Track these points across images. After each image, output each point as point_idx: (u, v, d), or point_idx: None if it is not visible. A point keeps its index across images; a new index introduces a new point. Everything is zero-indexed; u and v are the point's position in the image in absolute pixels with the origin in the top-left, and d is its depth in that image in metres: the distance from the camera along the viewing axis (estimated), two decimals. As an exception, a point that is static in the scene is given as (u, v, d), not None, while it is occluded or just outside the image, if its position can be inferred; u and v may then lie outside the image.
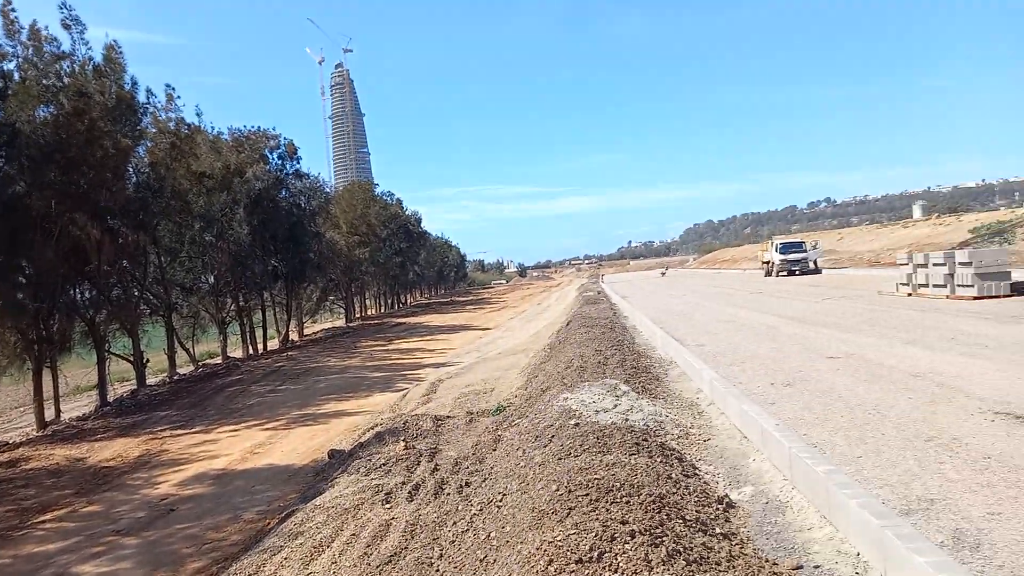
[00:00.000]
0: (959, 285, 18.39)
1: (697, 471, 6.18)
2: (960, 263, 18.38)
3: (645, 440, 6.42)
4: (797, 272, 46.62)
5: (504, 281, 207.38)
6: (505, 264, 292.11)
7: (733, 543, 4.53)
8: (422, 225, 77.03)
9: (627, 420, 7.37)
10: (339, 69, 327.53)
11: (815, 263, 48.26)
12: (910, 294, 20.80)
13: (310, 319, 53.04)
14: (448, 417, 12.13)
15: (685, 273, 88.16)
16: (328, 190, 54.33)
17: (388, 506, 7.99)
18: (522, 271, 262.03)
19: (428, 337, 35.64)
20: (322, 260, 43.74)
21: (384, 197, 64.90)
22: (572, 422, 7.32)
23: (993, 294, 17.65)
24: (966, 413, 7.08)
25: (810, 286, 32.29)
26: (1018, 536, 4.25)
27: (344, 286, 54.02)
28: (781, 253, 47.35)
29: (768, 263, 49.62)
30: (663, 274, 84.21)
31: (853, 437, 6.66)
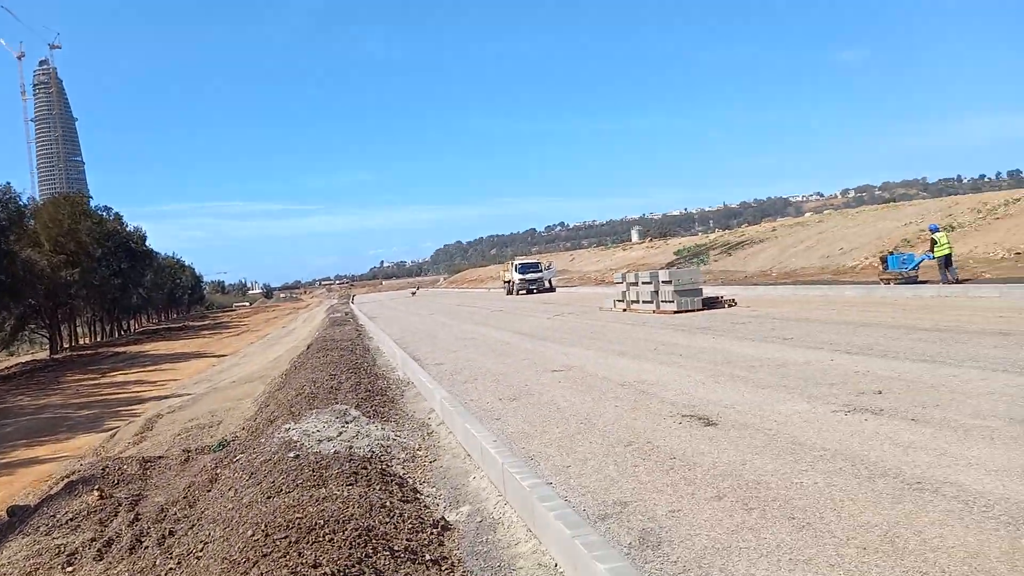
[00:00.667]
0: (663, 301, 20.83)
1: (418, 495, 6.08)
2: (663, 282, 20.86)
3: (366, 468, 6.19)
4: (535, 290, 49.84)
5: (248, 304, 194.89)
6: (249, 285, 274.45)
7: (443, 569, 4.46)
8: (148, 243, 69.29)
9: (351, 448, 7.08)
10: (44, 66, 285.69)
11: (550, 282, 52.02)
12: (625, 310, 23.13)
13: (2, 351, 45.09)
14: (160, 458, 10.84)
15: (436, 293, 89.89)
16: (24, 202, 46.86)
17: (70, 570, 6.83)
18: (268, 293, 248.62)
19: (152, 368, 32.04)
20: (17, 283, 37.46)
21: (100, 211, 57.59)
22: (291, 455, 6.85)
23: (689, 308, 20.25)
24: (660, 417, 7.87)
25: (544, 303, 34.57)
26: (692, 531, 4.71)
27: (48, 312, 46.74)
28: (520, 273, 50.30)
29: (509, 282, 52.42)
30: (413, 294, 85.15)
31: (565, 447, 7.05)
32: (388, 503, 5.32)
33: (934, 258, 21.21)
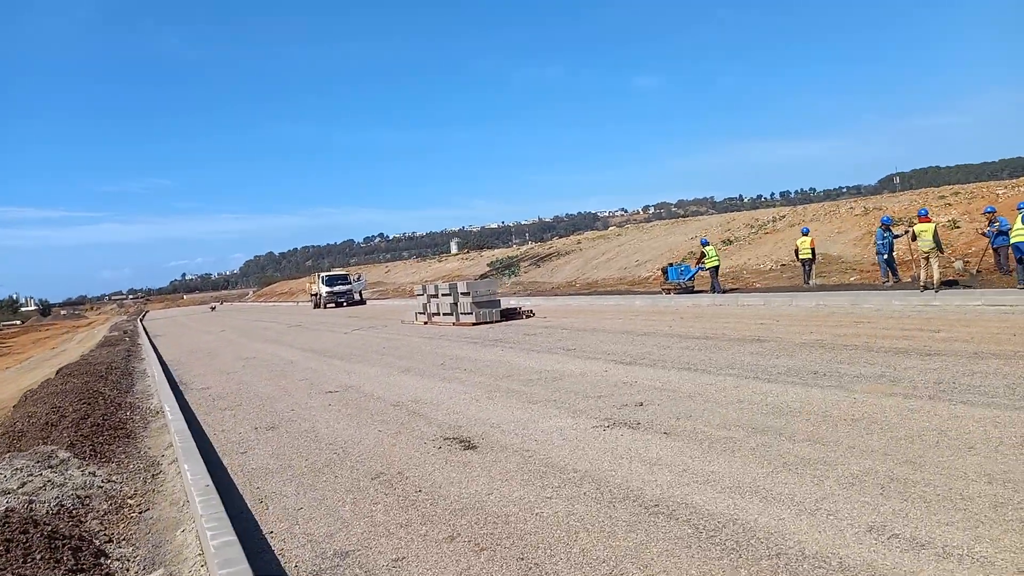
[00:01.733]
0: (462, 313, 20.50)
1: (102, 560, 4.94)
2: (461, 293, 20.54)
3: (29, 531, 4.93)
4: (345, 303, 48.05)
5: (19, 322, 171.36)
6: (22, 301, 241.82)
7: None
8: None
9: (30, 503, 5.72)
10: None
11: (360, 294, 50.45)
12: (426, 322, 22.56)
13: None
14: None
15: (241, 307, 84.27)
16: None
17: None
18: (45, 310, 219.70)
19: None
20: None
21: None
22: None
23: (487, 320, 20.08)
24: (421, 441, 7.25)
25: (349, 317, 33.19)
26: (410, 582, 4.09)
27: None
28: (327, 286, 48.29)
29: (316, 295, 50.18)
30: (213, 309, 79.32)
31: (307, 484, 6.20)
32: (39, 580, 4.17)
33: (705, 269, 22.88)
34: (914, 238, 15.47)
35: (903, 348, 9.65)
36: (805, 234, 21.71)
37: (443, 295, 21.52)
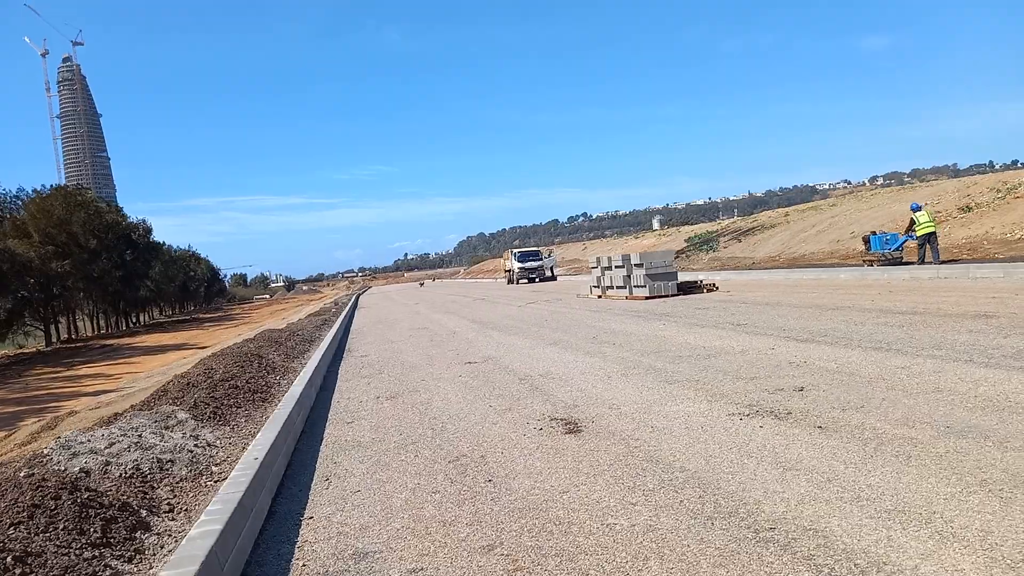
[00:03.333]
0: (635, 286, 19.13)
1: (137, 534, 4.58)
2: (635, 265, 19.14)
3: (57, 499, 4.70)
4: (537, 279, 48.24)
5: (268, 296, 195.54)
6: (273, 278, 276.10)
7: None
8: (153, 235, 68.85)
9: (107, 464, 5.61)
10: (68, 63, 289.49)
11: (551, 270, 50.40)
12: (600, 296, 21.46)
13: (-4, 345, 44.69)
14: None
15: (448, 283, 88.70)
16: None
17: None
18: (290, 285, 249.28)
19: (123, 360, 31.01)
20: (2, 275, 36.89)
21: (100, 203, 57.13)
22: (26, 473, 5.39)
23: (662, 294, 18.52)
24: (525, 421, 6.28)
25: (533, 291, 32.98)
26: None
27: (40, 304, 46.18)
28: (519, 262, 48.71)
29: (510, 271, 50.90)
30: (421, 285, 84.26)
31: (383, 463, 5.51)
32: (69, 552, 3.82)
33: (916, 238, 19.40)
34: None
35: None
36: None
37: (616, 267, 20.27)
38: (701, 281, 20.05)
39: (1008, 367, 6.08)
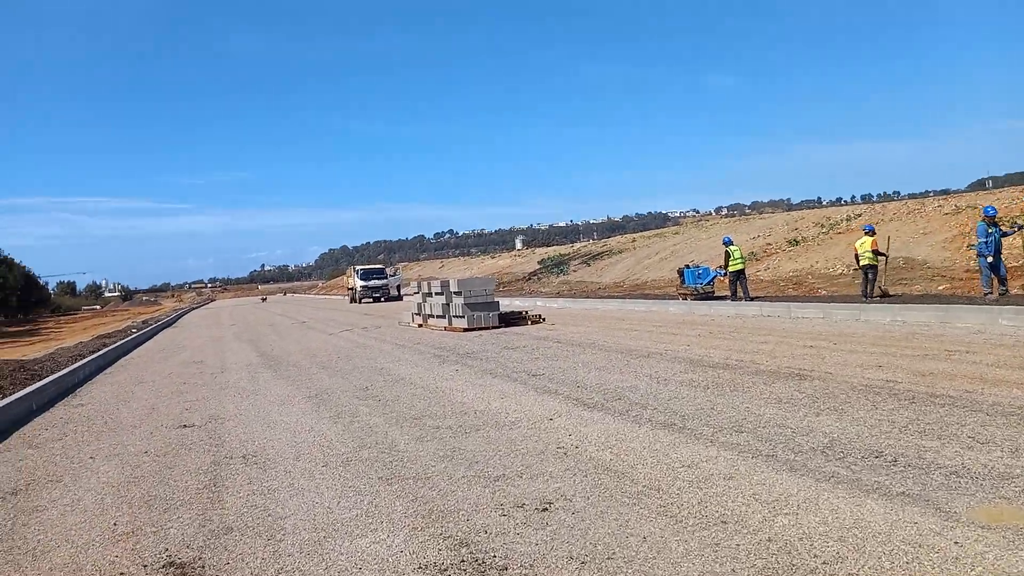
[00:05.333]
0: (454, 316, 17.22)
1: None
2: (453, 293, 17.24)
3: None
4: (381, 299, 45.59)
5: (98, 307, 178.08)
6: (109, 287, 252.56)
7: None
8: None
9: None
10: None
11: (397, 289, 47.92)
12: (420, 325, 19.39)
13: None
14: None
15: (295, 299, 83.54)
16: None
17: None
18: (126, 295, 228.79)
19: None
20: None
21: None
22: None
23: (482, 325, 16.72)
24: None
25: (364, 314, 30.43)
26: None
27: None
28: (363, 280, 45.91)
29: (352, 290, 47.90)
30: (264, 300, 78.94)
31: None
32: None
33: (726, 273, 19.01)
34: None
35: (1035, 407, 5.79)
36: (869, 233, 16.81)
37: (436, 294, 18.29)
38: (526, 312, 18.46)
39: (817, 474, 4.50)
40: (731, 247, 19.59)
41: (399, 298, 46.14)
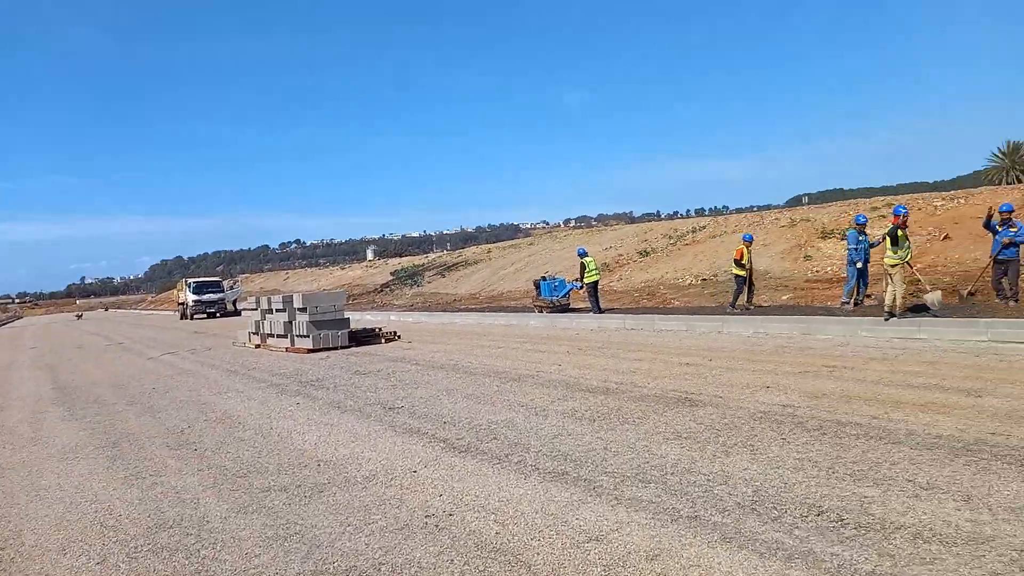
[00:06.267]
0: (298, 335, 15.38)
1: None
2: (298, 310, 15.41)
3: None
4: (217, 314, 41.85)
5: None
6: None
7: None
8: None
9: None
10: None
11: (234, 304, 44.25)
12: (258, 345, 17.29)
13: None
14: None
15: (117, 316, 75.58)
16: None
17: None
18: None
19: None
20: None
21: None
22: None
23: (329, 345, 15.03)
24: None
25: (194, 332, 27.37)
26: None
27: None
28: (195, 294, 41.92)
29: (183, 304, 43.66)
30: (79, 317, 70.59)
31: None
32: None
33: (583, 285, 18.72)
34: (895, 243, 11.45)
35: (952, 432, 5.28)
36: (748, 242, 16.09)
37: (277, 311, 16.32)
38: (379, 329, 16.91)
39: (756, 544, 3.57)
40: (586, 258, 19.22)
41: (237, 313, 42.59)
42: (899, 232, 11.28)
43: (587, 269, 18.95)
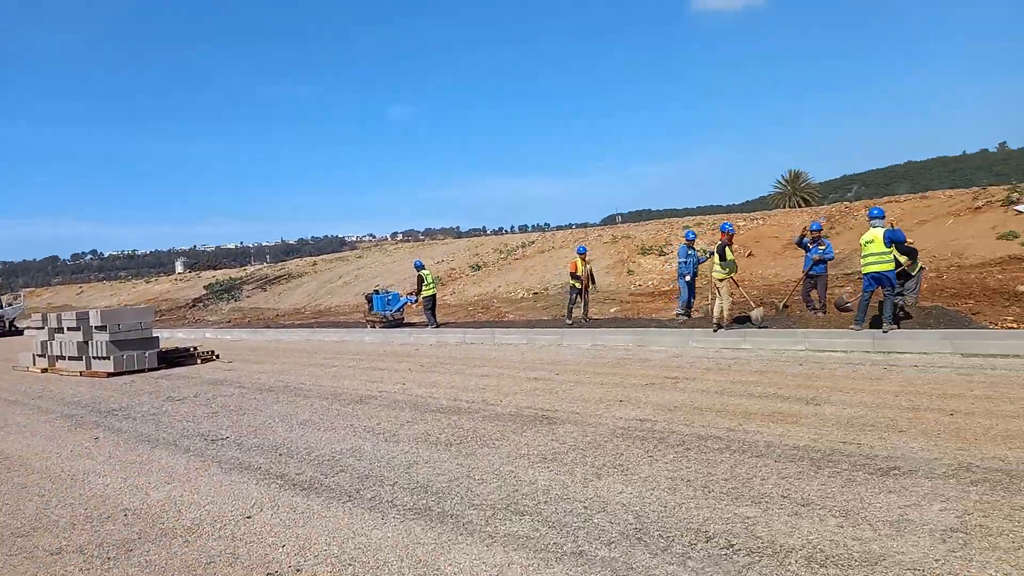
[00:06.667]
0: (96, 357, 13.43)
1: None
2: (95, 328, 13.48)
3: None
4: (-8, 334, 36.32)
5: None
6: None
7: None
8: None
9: None
10: None
11: (12, 324, 38.76)
12: (47, 369, 14.94)
13: None
14: None
15: None
16: None
17: None
18: None
19: None
20: None
21: None
22: None
23: (135, 368, 13.26)
24: None
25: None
26: None
27: None
28: (-37, 310, 36.15)
29: (-53, 323, 37.49)
30: None
31: None
32: None
33: (419, 299, 18.38)
34: (723, 258, 12.06)
35: (807, 443, 5.39)
36: (581, 254, 16.06)
37: (70, 329, 14.18)
38: (194, 348, 15.25)
39: (654, 580, 3.27)
40: (423, 271, 18.77)
41: (19, 332, 37.31)
42: (727, 248, 11.91)
43: (424, 282, 18.52)
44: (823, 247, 12.71)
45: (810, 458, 4.93)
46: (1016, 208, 19.89)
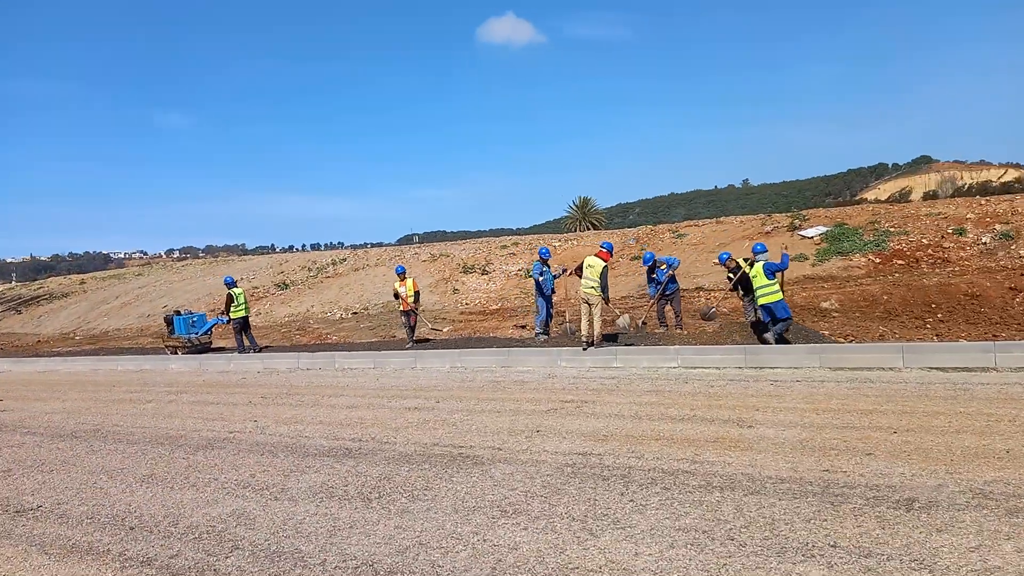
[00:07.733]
0: None
1: None
2: None
3: None
4: None
5: None
6: None
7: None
8: None
9: None
10: None
11: None
12: None
13: None
14: None
15: None
16: None
17: None
18: None
19: None
20: None
21: None
22: None
23: None
24: None
25: None
26: None
27: None
28: None
29: None
30: None
31: None
32: None
33: (227, 321, 16.48)
34: (600, 276, 11.66)
35: (791, 474, 4.91)
36: (400, 274, 15.32)
37: None
38: (-56, 385, 11.98)
39: None
40: (234, 289, 16.68)
41: None
42: (604, 266, 11.59)
43: (235, 301, 16.41)
44: (663, 266, 13.01)
45: (812, 493, 4.41)
46: (800, 233, 22.14)
